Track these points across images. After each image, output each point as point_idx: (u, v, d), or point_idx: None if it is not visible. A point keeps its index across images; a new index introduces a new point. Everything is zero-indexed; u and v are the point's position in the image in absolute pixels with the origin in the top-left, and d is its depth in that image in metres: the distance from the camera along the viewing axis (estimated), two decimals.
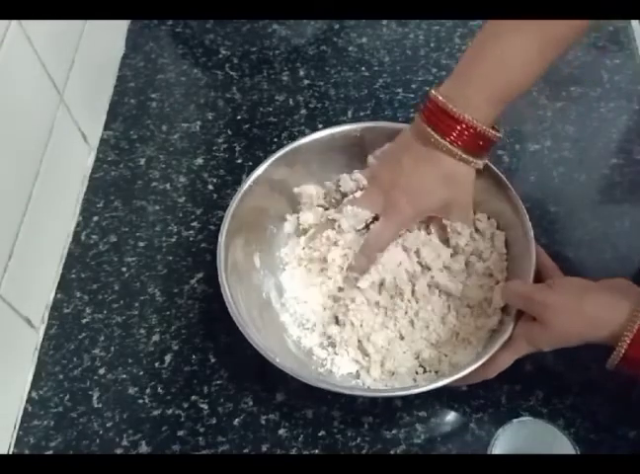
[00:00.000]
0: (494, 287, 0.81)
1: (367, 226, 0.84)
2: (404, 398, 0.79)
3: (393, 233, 0.81)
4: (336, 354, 0.81)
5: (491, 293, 0.81)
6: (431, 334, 0.81)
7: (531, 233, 0.78)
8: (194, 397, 0.81)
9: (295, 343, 0.83)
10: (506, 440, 0.67)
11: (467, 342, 0.80)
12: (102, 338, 0.85)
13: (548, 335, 0.72)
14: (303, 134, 0.99)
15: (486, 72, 0.74)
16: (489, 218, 0.85)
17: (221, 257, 0.79)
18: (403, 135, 0.81)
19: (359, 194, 0.85)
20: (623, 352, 0.67)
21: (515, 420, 0.68)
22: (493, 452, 0.66)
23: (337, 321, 0.83)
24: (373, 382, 0.79)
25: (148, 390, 0.81)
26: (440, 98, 0.74)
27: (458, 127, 0.74)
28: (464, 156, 0.75)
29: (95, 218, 0.95)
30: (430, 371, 0.79)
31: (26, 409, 0.80)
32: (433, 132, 0.75)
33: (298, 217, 0.90)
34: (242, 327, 0.75)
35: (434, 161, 0.77)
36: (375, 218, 0.83)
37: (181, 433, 0.78)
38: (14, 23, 0.78)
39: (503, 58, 0.73)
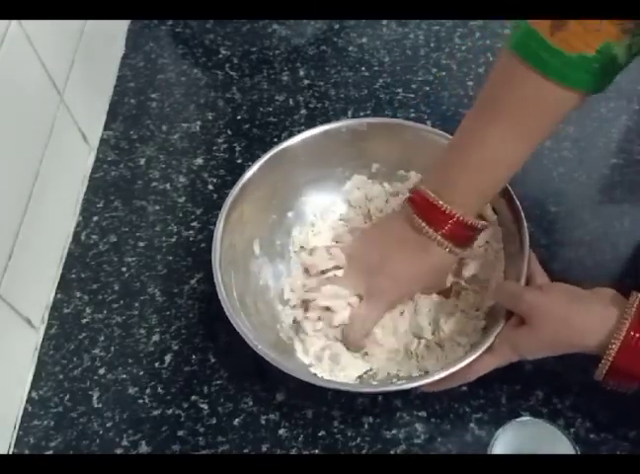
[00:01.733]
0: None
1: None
2: (404, 398, 0.79)
3: (379, 316, 0.81)
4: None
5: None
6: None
7: (527, 239, 0.78)
8: (194, 397, 0.80)
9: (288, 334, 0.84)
10: (506, 440, 0.67)
11: (456, 343, 0.80)
12: (102, 338, 0.85)
13: (534, 340, 0.72)
14: None
15: (472, 177, 0.74)
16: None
17: (217, 247, 0.79)
18: (390, 221, 0.82)
19: (339, 272, 0.84)
20: (611, 359, 0.67)
21: (515, 420, 0.68)
22: (493, 452, 0.66)
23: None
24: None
25: (148, 390, 0.81)
26: (431, 194, 0.74)
27: (450, 222, 0.74)
28: (454, 248, 0.76)
29: (95, 218, 0.95)
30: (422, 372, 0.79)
31: (26, 409, 0.80)
32: (425, 225, 0.75)
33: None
34: (239, 327, 0.75)
35: (424, 251, 0.77)
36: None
37: (181, 433, 0.78)
38: (14, 23, 0.78)
39: (486, 160, 0.73)
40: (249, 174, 0.85)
